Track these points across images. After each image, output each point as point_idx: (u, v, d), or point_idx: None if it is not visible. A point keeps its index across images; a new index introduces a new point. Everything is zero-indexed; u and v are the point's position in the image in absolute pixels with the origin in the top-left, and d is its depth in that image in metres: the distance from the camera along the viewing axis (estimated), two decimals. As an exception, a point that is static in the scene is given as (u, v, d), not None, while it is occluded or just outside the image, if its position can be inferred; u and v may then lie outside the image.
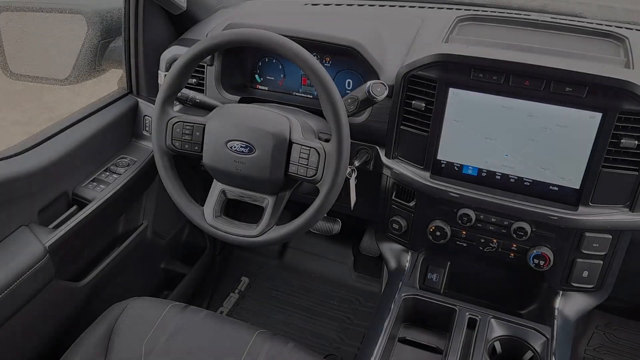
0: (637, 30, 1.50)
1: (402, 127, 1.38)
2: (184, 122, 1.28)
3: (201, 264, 2.15)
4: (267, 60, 1.61)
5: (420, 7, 1.72)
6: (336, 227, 2.14)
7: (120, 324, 1.28)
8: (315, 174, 1.19)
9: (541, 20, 1.48)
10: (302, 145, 1.20)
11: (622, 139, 1.17)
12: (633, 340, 2.00)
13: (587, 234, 1.28)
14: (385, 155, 1.44)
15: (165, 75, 1.42)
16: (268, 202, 1.27)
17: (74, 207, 1.46)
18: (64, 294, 1.46)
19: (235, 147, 1.23)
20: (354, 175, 1.38)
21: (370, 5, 1.77)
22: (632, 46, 1.32)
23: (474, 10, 1.61)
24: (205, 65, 1.55)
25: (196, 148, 1.29)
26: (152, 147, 1.35)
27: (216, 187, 1.31)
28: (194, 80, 1.58)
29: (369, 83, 1.26)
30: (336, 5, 1.79)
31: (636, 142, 1.17)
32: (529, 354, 1.25)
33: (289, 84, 1.61)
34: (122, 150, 1.66)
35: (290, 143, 1.21)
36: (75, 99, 4.02)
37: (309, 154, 1.20)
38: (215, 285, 2.29)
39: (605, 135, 1.18)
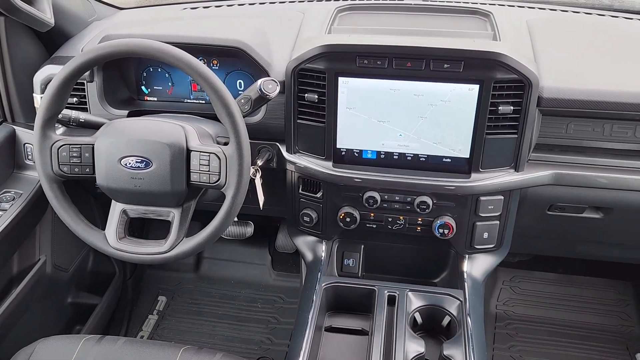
0: (499, 5, 1.62)
1: (298, 120, 1.39)
2: (69, 144, 1.20)
3: (112, 291, 2.04)
4: (151, 69, 1.55)
5: (300, 1, 1.74)
6: (249, 229, 2.13)
7: (30, 370, 1.18)
8: (218, 179, 1.17)
9: (414, 4, 1.56)
10: (200, 151, 1.18)
11: (500, 106, 1.27)
12: (535, 289, 2.18)
13: (482, 198, 1.38)
14: (287, 150, 1.45)
15: (42, 97, 1.33)
16: (174, 215, 1.23)
17: (-43, 254, 1.33)
18: (-41, 350, 1.32)
19: (130, 163, 1.17)
20: (259, 174, 1.38)
21: (250, 4, 1.76)
22: (496, 20, 1.42)
23: (351, 0, 1.65)
24: (85, 82, 1.46)
25: (87, 170, 1.21)
26: (38, 176, 1.26)
27: (116, 207, 1.25)
28: (75, 99, 1.48)
29: (259, 81, 1.26)
30: (216, 7, 1.77)
31: (512, 107, 1.27)
32: (447, 318, 1.32)
33: (179, 92, 1.56)
34: (4, 185, 1.53)
35: (188, 151, 1.18)
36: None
37: (209, 160, 1.17)
38: (131, 310, 2.18)
39: (485, 104, 1.27)
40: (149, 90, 1.57)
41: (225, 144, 1.20)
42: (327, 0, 1.69)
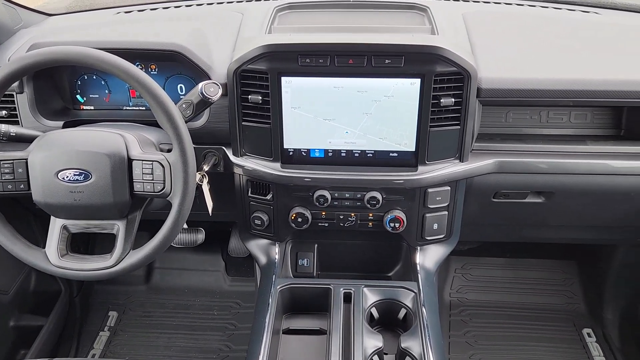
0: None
1: (244, 123, 1.37)
2: (0, 160, 1.14)
3: (59, 310, 1.95)
4: (86, 77, 1.49)
5: (238, 1, 1.71)
6: (200, 236, 2.07)
7: (-29, 403, 1.11)
8: (163, 188, 1.14)
9: (353, 1, 1.56)
10: (143, 160, 1.14)
11: (442, 99, 1.29)
12: (486, 274, 2.25)
13: (430, 190, 1.40)
14: (233, 154, 1.42)
15: (-34, 112, 1.25)
16: (118, 227, 1.19)
17: None
18: None
19: (67, 176, 1.12)
20: (206, 180, 1.35)
21: (187, 6, 1.72)
22: (434, 14, 1.45)
23: (289, -1, 1.64)
24: (14, 93, 1.39)
25: (22, 186, 1.15)
26: (-33, 196, 1.18)
27: (55, 223, 1.19)
28: (4, 112, 1.41)
29: (200, 85, 1.23)
30: (151, 10, 1.71)
31: (453, 99, 1.29)
32: (403, 311, 1.34)
33: (117, 99, 1.51)
34: None
35: (130, 160, 1.14)
36: None
37: (152, 168, 1.14)
38: (81, 329, 2.09)
39: (427, 97, 1.28)
40: (85, 99, 1.51)
41: (169, 150, 1.17)
42: (266, 0, 1.67)
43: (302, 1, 1.57)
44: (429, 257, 1.52)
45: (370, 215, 1.46)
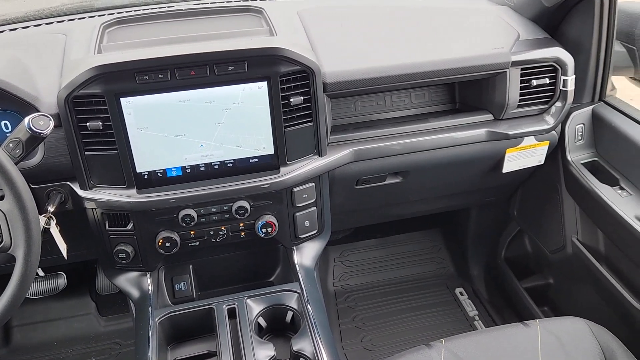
0: (269, 0, 1.65)
1: (87, 153, 1.26)
2: None
3: None
4: None
5: (59, 21, 1.56)
6: (60, 281, 1.89)
7: None
8: (1, 242, 1.01)
9: (185, 9, 1.51)
10: (-31, 214, 1.00)
11: (291, 98, 1.30)
12: (362, 257, 2.35)
13: (295, 189, 1.40)
14: (81, 188, 1.30)
15: None
16: (-47, 295, 1.03)
17: None
18: None
19: None
20: (53, 222, 1.23)
21: (-1, 32, 1.53)
22: (270, 15, 1.45)
23: (117, 13, 1.54)
24: None
25: None
26: None
27: None
28: None
29: (27, 119, 1.09)
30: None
31: (302, 97, 1.31)
32: (290, 313, 1.33)
33: None
34: None
35: (-47, 217, 0.99)
36: None
37: (-17, 222, 1.00)
38: None
39: (276, 99, 1.28)
40: None
41: (1, 198, 1.03)
42: (91, 17, 1.55)
43: (130, 15, 1.48)
44: (306, 254, 1.53)
45: (241, 225, 1.43)
